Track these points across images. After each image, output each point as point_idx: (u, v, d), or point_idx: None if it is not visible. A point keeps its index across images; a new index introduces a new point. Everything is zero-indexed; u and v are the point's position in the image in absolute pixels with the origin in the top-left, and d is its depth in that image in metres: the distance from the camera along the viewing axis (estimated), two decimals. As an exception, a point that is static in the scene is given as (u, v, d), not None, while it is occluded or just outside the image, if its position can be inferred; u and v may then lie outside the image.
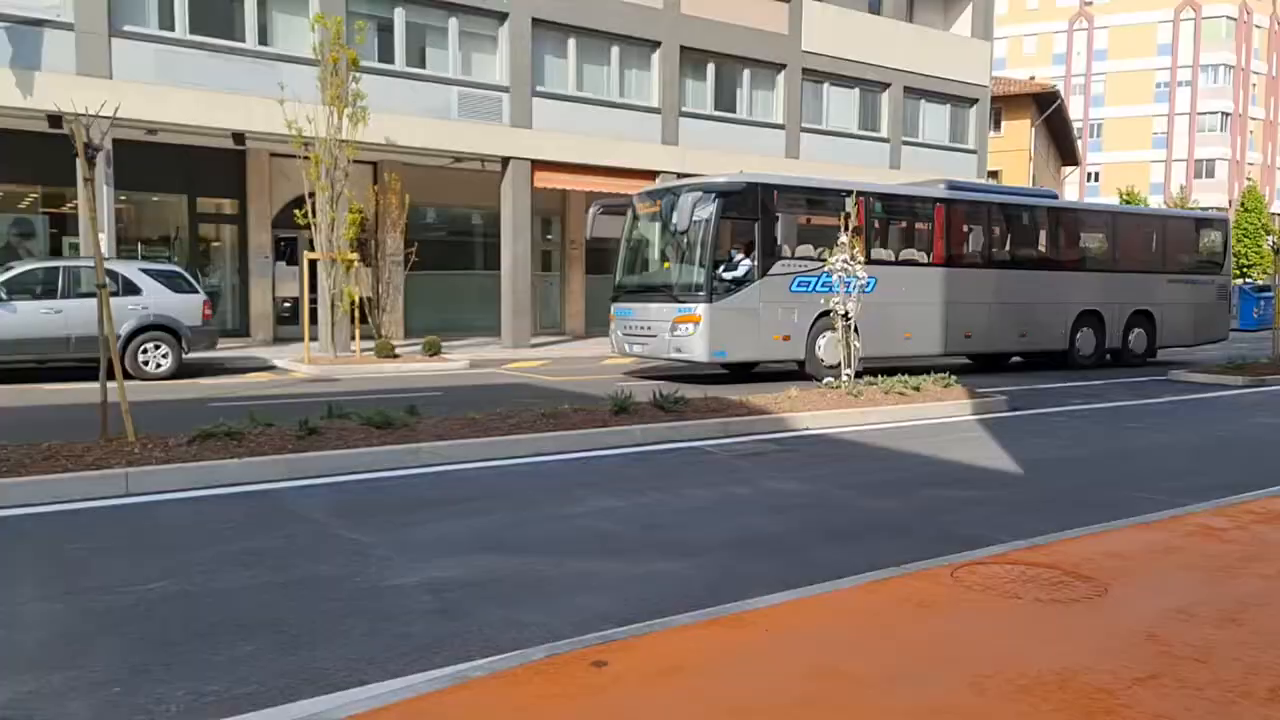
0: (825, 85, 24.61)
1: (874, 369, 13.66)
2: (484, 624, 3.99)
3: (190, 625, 3.96)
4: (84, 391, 10.68)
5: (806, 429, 9.40)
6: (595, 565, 4.86)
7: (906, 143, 26.12)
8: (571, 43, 20.53)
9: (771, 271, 13.82)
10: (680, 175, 18.83)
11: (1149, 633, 3.61)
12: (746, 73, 23.19)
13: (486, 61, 19.65)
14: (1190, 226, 20.30)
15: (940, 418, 10.37)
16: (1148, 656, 3.38)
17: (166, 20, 16.37)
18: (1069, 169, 53.71)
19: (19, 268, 13.38)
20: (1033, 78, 46.12)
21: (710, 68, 22.56)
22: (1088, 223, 18.81)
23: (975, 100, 27.68)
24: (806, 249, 14.20)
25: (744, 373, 15.03)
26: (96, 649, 3.71)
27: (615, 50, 21.11)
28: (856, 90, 25.26)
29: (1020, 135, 38.85)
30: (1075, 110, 63.10)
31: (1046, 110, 39.40)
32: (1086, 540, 4.98)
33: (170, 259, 18.60)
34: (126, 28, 15.89)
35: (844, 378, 11.03)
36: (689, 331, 13.38)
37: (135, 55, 15.90)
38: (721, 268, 13.53)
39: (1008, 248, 17.11)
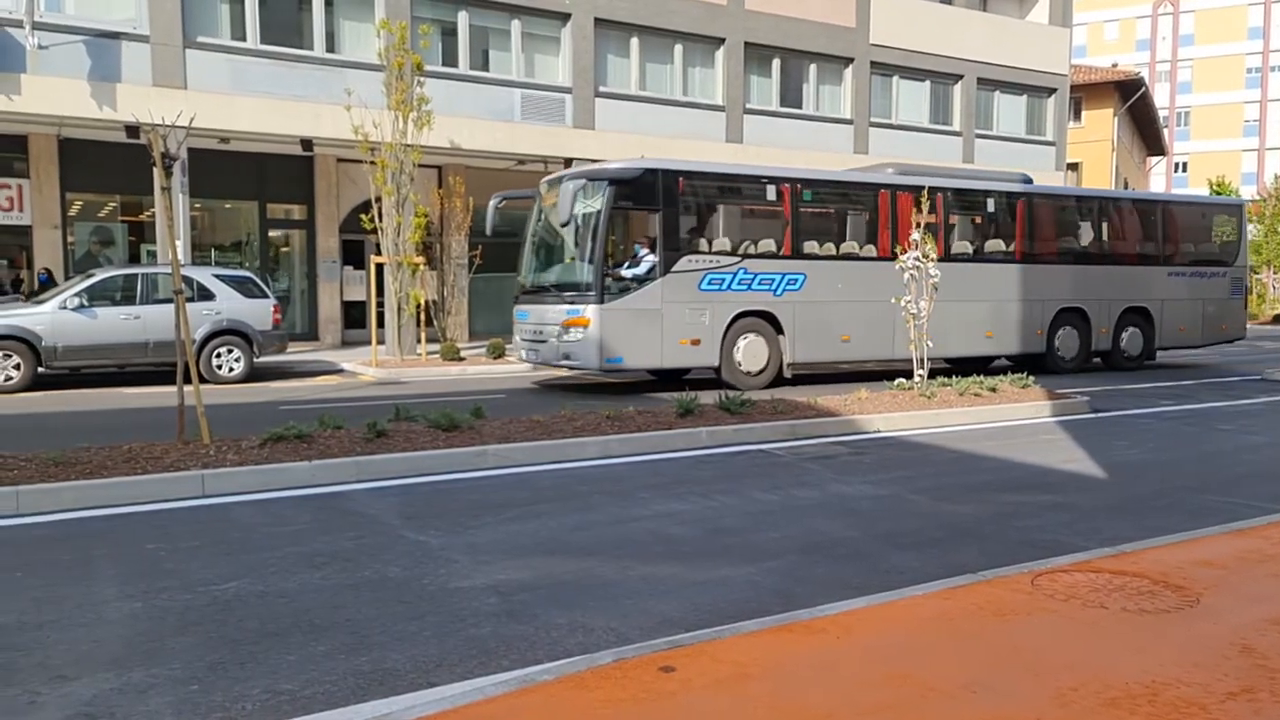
0: (895, 78, 24.28)
1: (805, 376, 12.88)
2: (550, 627, 3.98)
3: (264, 625, 4.02)
4: (161, 395, 10.98)
5: (877, 431, 9.25)
6: (661, 569, 4.82)
7: (980, 136, 25.65)
8: (634, 42, 20.56)
9: (677, 268, 12.40)
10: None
11: (1243, 644, 3.45)
12: (813, 68, 22.98)
13: (549, 63, 19.78)
14: (1195, 213, 18.25)
15: (1017, 420, 10.11)
16: (1242, 669, 3.23)
17: (238, 30, 16.80)
18: (1155, 159, 52.18)
19: (100, 275, 13.82)
20: (1115, 65, 44.88)
21: (775, 63, 22.41)
22: (1068, 210, 16.76)
23: (1053, 90, 27.03)
24: (724, 243, 12.95)
25: (672, 379, 13.71)
26: (175, 647, 3.78)
27: (679, 48, 21.09)
28: (927, 83, 24.87)
29: (1103, 125, 37.79)
30: (1161, 98, 61.16)
31: (1130, 99, 38.26)
32: (1176, 548, 4.79)
33: (241, 264, 19.06)
34: (200, 39, 16.35)
35: (916, 379, 10.82)
36: (578, 336, 12.06)
37: (208, 65, 16.36)
38: (617, 264, 12.29)
39: (968, 238, 15.46)
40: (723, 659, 3.32)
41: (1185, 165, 65.47)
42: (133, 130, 14.86)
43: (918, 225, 10.80)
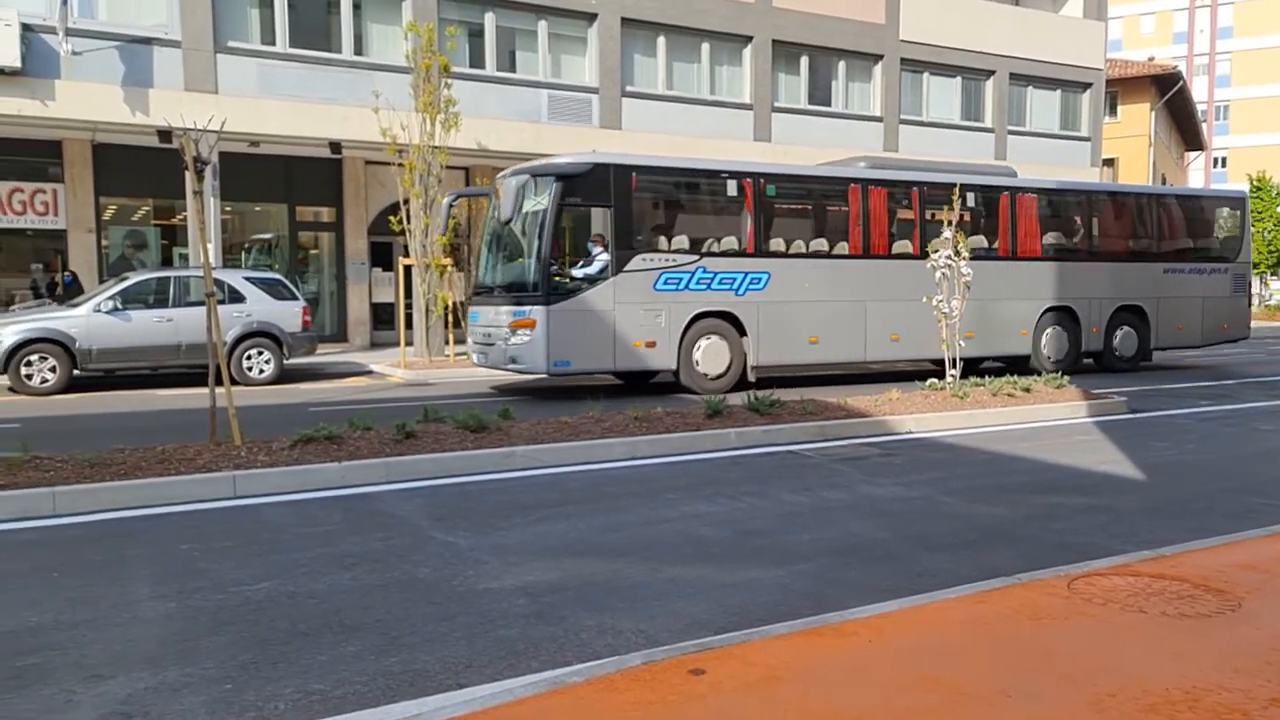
0: (925, 75, 24.10)
1: (770, 380, 12.34)
2: (579, 629, 3.97)
3: (295, 625, 4.04)
4: (193, 397, 11.11)
5: (909, 432, 9.17)
6: (690, 571, 4.79)
7: (1013, 132, 25.39)
8: (661, 41, 20.55)
9: (630, 267, 11.91)
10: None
11: (1287, 650, 3.37)
12: (842, 65, 22.87)
13: (576, 63, 19.82)
14: (1194, 207, 17.41)
15: (1053, 420, 9.98)
16: (1287, 676, 3.15)
17: (267, 34, 16.98)
18: (1194, 154, 51.38)
19: (133, 278, 14.01)
20: (1151, 59, 44.21)
21: (804, 61, 22.32)
22: (1056, 204, 15.82)
23: (1088, 85, 26.71)
24: (682, 241, 12.48)
25: (643, 381, 13.40)
26: (208, 647, 3.81)
27: (706, 47, 21.06)
28: (958, 79, 24.67)
29: (1139, 120, 37.21)
30: (1199, 92, 60.05)
31: (1167, 93, 37.61)
32: (1217, 551, 4.70)
33: (271, 267, 19.24)
34: (230, 43, 16.53)
35: (949, 379, 10.72)
36: (524, 338, 11.58)
37: (238, 69, 16.54)
38: (568, 264, 11.93)
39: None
40: (753, 662, 3.30)
41: (1224, 160, 64.30)
42: (165, 135, 15.05)
43: (948, 223, 10.66)
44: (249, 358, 13.93)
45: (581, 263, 12.09)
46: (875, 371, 13.56)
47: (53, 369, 12.79)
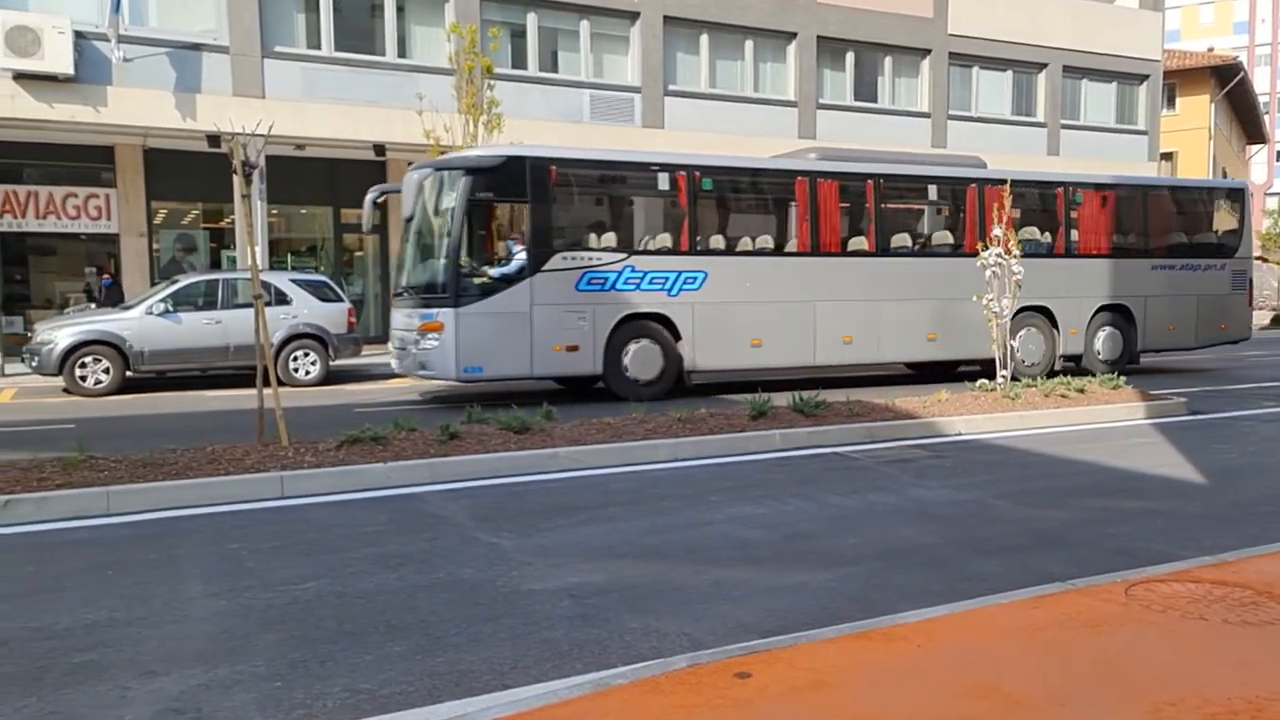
0: (974, 69, 23.75)
1: (708, 386, 11.87)
2: (623, 631, 3.95)
3: (342, 624, 4.07)
4: (241, 398, 11.26)
5: (959, 434, 9.02)
6: (735, 574, 4.76)
7: (1066, 126, 24.88)
8: (704, 39, 20.50)
9: (549, 266, 11.23)
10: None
11: (1357, 661, 3.26)
12: (888, 60, 22.62)
13: (618, 63, 19.83)
14: (1187, 198, 16.21)
15: (1108, 422, 9.76)
16: (1357, 688, 3.05)
17: (313, 39, 17.21)
18: (1255, 147, 50.13)
19: (183, 281, 14.27)
20: (1211, 49, 43.26)
21: (849, 57, 22.12)
22: (1030, 197, 14.60)
23: (1145, 76, 26.12)
24: (609, 238, 11.85)
25: (587, 386, 12.59)
26: (258, 645, 3.86)
27: (749, 44, 20.97)
28: (1009, 73, 24.27)
29: (1199, 113, 36.38)
30: (1261, 83, 58.24)
31: (1228, 84, 36.71)
32: None
33: (316, 269, 19.49)
34: (277, 48, 16.79)
35: (1000, 380, 10.56)
36: (433, 343, 10.99)
37: (284, 73, 16.79)
38: (483, 263, 11.25)
39: (907, 230, 13.90)
40: (799, 666, 3.26)
41: (1289, 153, 62.54)
42: (213, 139, 15.30)
43: (999, 220, 10.45)
44: (295, 359, 14.10)
45: (499, 262, 11.35)
46: (830, 377, 13.09)
47: (106, 370, 13.06)
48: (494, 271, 11.26)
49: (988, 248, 10.62)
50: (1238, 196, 16.44)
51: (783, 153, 14.84)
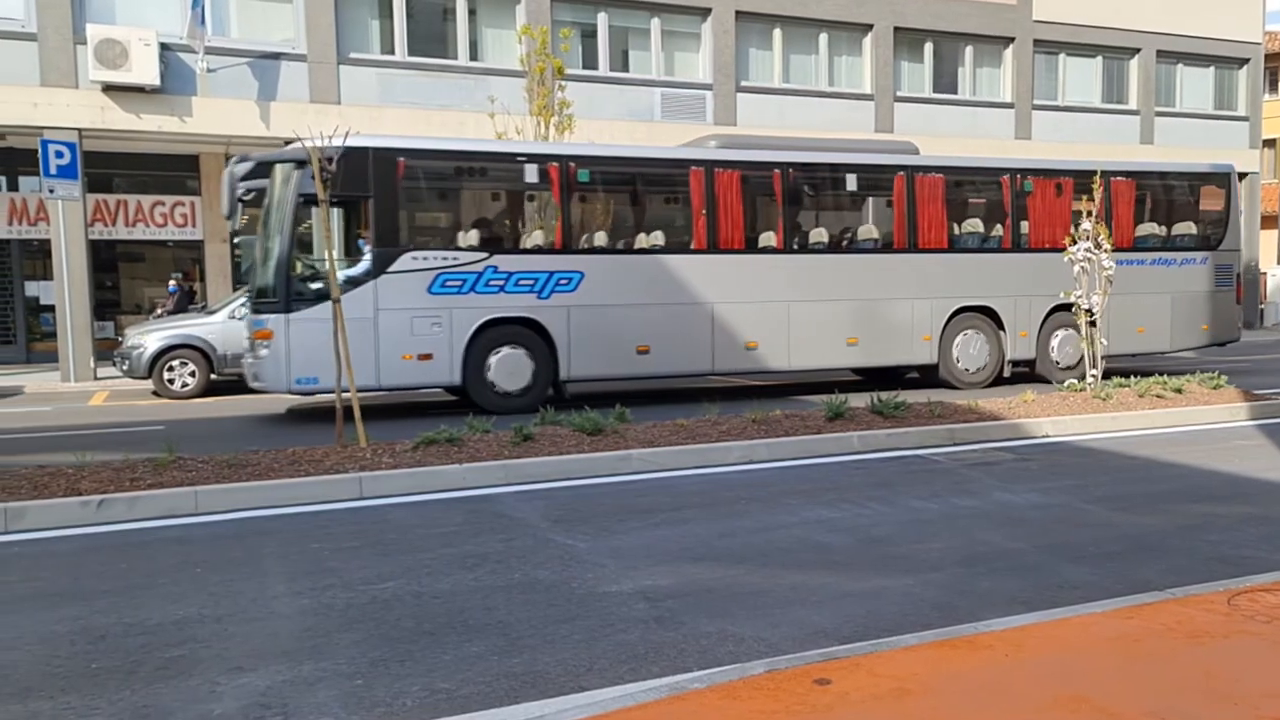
0: (1061, 56, 23.07)
1: (584, 396, 11.00)
2: (699, 635, 3.92)
3: (420, 624, 4.11)
4: (319, 399, 11.49)
5: (1046, 436, 8.77)
6: (812, 578, 4.68)
7: (1161, 114, 24.02)
8: (777, 33, 20.34)
9: (396, 267, 10.37)
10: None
11: None
12: (969, 50, 22.14)
13: (689, 60, 19.80)
14: (1159, 185, 14.46)
15: (1207, 424, 9.39)
16: None
17: (387, 44, 17.57)
18: (1364, 132, 47.67)
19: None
20: (1317, 30, 41.25)
21: (928, 47, 21.72)
22: (970, 186, 13.51)
23: (1245, 60, 25.07)
24: (468, 236, 11.03)
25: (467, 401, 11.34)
26: (339, 643, 3.92)
27: (823, 37, 20.74)
28: (1098, 59, 23.51)
29: (1304, 97, 34.79)
30: (1372, 65, 55.50)
31: (1335, 66, 35.16)
32: (1392, 566, 4.32)
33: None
34: (352, 55, 17.17)
35: (1089, 379, 10.25)
36: (264, 352, 10.23)
37: (359, 80, 17.17)
38: (315, 265, 10.50)
39: (823, 225, 12.72)
40: (881, 673, 3.18)
41: (1403, 139, 59.29)
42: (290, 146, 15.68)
43: (1087, 214, 10.10)
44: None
45: (346, 264, 10.55)
46: (731, 386, 12.39)
47: (192, 374, 13.51)
48: (339, 274, 10.48)
49: (1075, 242, 10.29)
50: (1223, 182, 14.60)
51: (687, 142, 13.63)
